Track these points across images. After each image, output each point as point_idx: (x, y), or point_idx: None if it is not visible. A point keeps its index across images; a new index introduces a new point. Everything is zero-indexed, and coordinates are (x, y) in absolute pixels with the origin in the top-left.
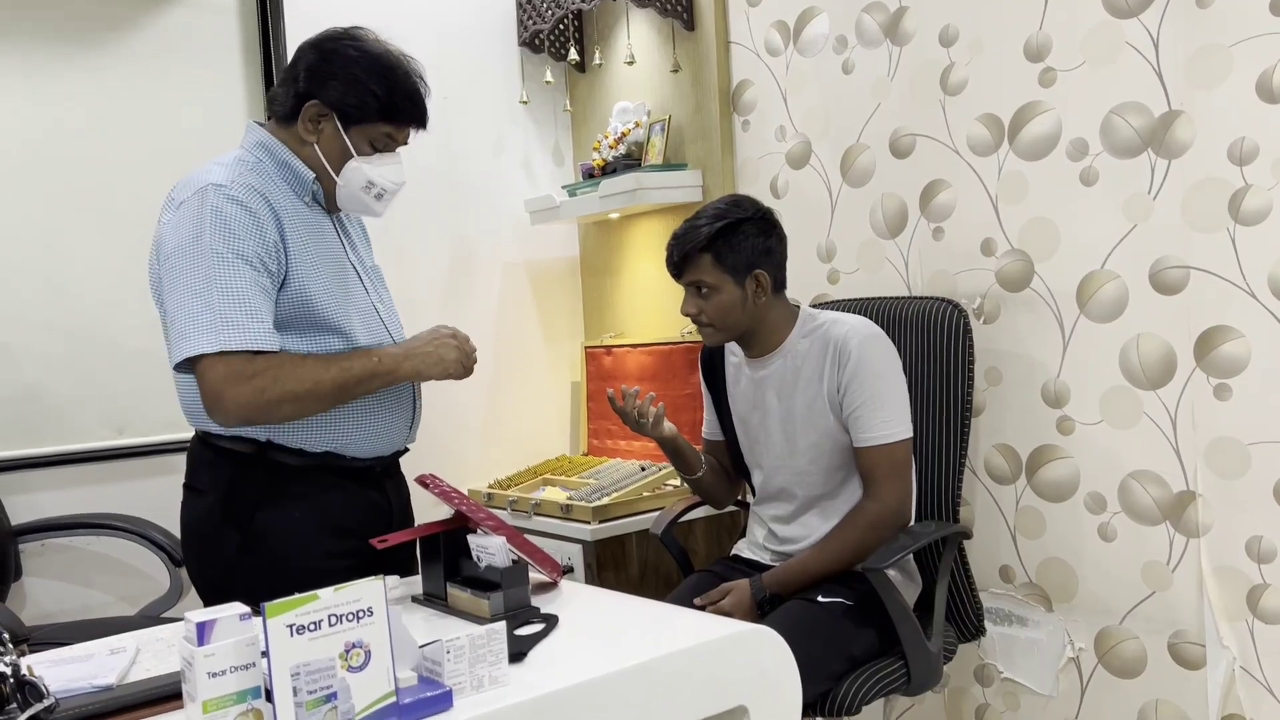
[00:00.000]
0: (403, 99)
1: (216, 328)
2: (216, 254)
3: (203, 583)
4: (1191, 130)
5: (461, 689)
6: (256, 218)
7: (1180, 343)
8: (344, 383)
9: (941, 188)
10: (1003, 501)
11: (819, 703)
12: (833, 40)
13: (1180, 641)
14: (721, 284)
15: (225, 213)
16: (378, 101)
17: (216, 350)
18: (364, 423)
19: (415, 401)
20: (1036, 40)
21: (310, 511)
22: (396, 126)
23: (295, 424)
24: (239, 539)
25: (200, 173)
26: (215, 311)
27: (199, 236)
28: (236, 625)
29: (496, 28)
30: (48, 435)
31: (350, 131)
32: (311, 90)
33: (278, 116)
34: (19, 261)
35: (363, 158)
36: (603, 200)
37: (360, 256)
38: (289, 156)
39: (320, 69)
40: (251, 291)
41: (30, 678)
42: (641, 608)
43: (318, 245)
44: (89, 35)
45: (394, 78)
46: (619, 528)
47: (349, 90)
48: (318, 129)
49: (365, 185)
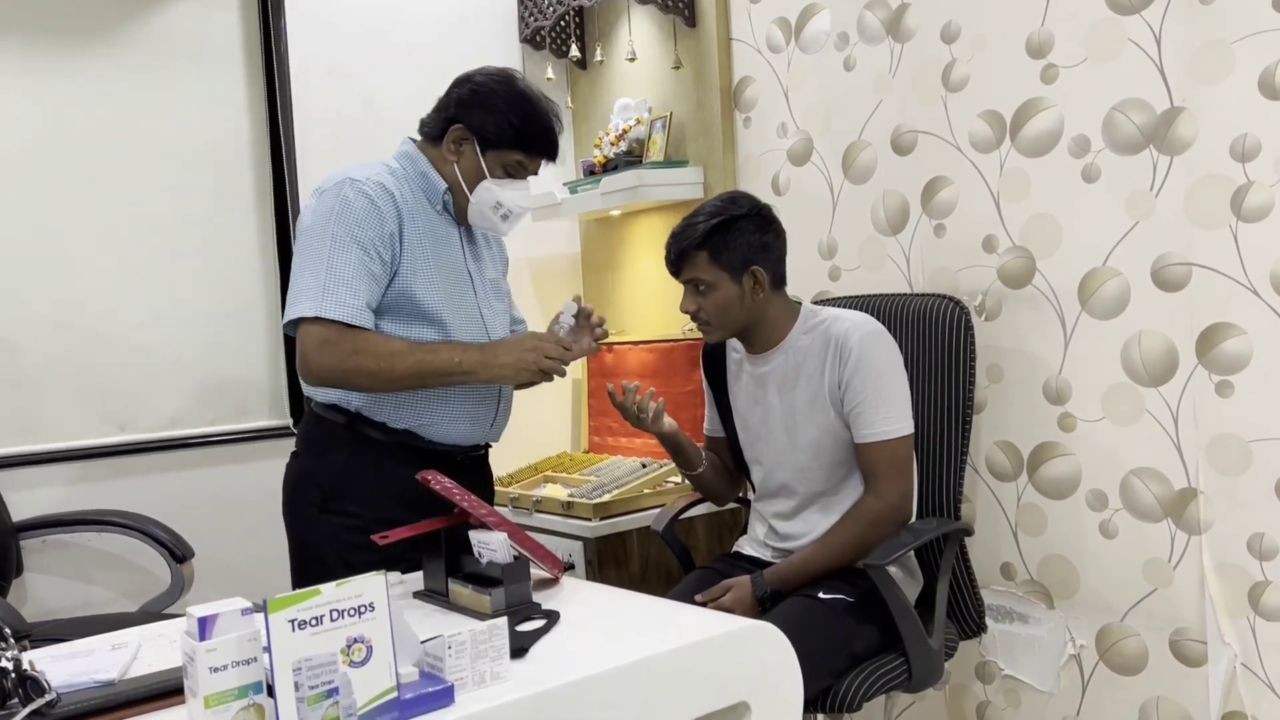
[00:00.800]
0: (536, 131)
1: (319, 298)
2: (335, 236)
3: (291, 535)
4: (1194, 127)
5: (463, 684)
6: (379, 210)
7: (1182, 339)
8: (420, 372)
9: (943, 184)
10: (1004, 498)
11: (820, 699)
12: (834, 37)
13: (1181, 639)
14: (718, 281)
15: (352, 202)
16: (514, 130)
17: (314, 315)
18: (443, 409)
19: (500, 402)
20: (1038, 36)
21: (385, 482)
22: (528, 155)
23: (380, 400)
24: (319, 498)
25: (346, 169)
26: (321, 285)
27: (326, 221)
28: (238, 620)
29: (498, 24)
30: (49, 432)
31: (487, 155)
32: (458, 116)
33: (426, 136)
34: (21, 258)
35: (494, 180)
36: (604, 197)
37: (481, 268)
38: (428, 168)
39: (469, 99)
40: (357, 272)
41: (32, 673)
42: (643, 604)
43: (435, 247)
44: (91, 31)
45: (531, 112)
46: (620, 524)
47: (490, 118)
48: (459, 150)
49: (494, 205)
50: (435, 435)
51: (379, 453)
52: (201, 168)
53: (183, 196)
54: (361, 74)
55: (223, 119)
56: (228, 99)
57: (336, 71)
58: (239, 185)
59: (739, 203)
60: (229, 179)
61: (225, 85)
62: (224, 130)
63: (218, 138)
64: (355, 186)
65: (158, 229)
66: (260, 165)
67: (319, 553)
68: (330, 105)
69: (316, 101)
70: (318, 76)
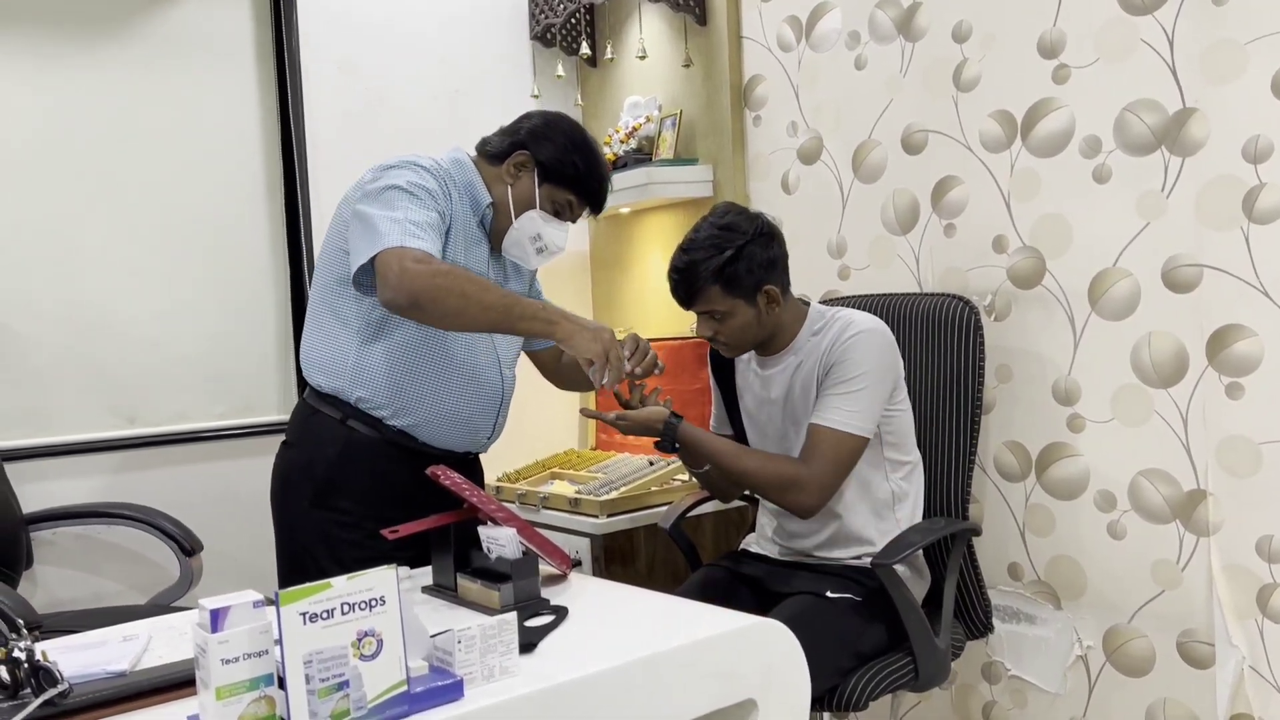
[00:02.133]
0: (593, 179)
1: (403, 235)
2: (410, 193)
3: (279, 526)
4: (1206, 128)
5: (472, 679)
6: (445, 191)
7: (1192, 341)
8: (509, 306)
9: (953, 184)
10: (1012, 499)
11: (826, 698)
12: (845, 36)
13: (1189, 640)
14: (735, 308)
15: (423, 176)
16: (575, 172)
17: (399, 245)
18: (444, 414)
19: (499, 412)
20: (1050, 36)
21: (378, 480)
22: (579, 199)
23: (381, 395)
24: (312, 493)
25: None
26: (403, 228)
27: (400, 183)
28: (250, 612)
29: (508, 21)
30: (59, 425)
31: (543, 187)
32: (527, 143)
33: (486, 155)
34: (31, 252)
35: (541, 213)
36: (613, 195)
37: (500, 277)
38: (476, 179)
39: (541, 130)
40: (434, 221)
41: (44, 663)
42: (650, 600)
43: (468, 250)
44: (103, 26)
45: (594, 161)
46: (627, 522)
47: (557, 154)
48: (517, 175)
49: (534, 236)
50: (429, 438)
51: (372, 450)
52: (212, 162)
53: (193, 191)
54: (372, 69)
55: (233, 113)
56: (238, 93)
57: (347, 67)
58: (249, 179)
59: (740, 228)
60: (239, 173)
61: (236, 80)
62: (234, 125)
63: (228, 132)
64: (429, 164)
65: (168, 223)
66: (270, 160)
67: (309, 547)
68: (341, 100)
69: (327, 96)
70: (328, 72)
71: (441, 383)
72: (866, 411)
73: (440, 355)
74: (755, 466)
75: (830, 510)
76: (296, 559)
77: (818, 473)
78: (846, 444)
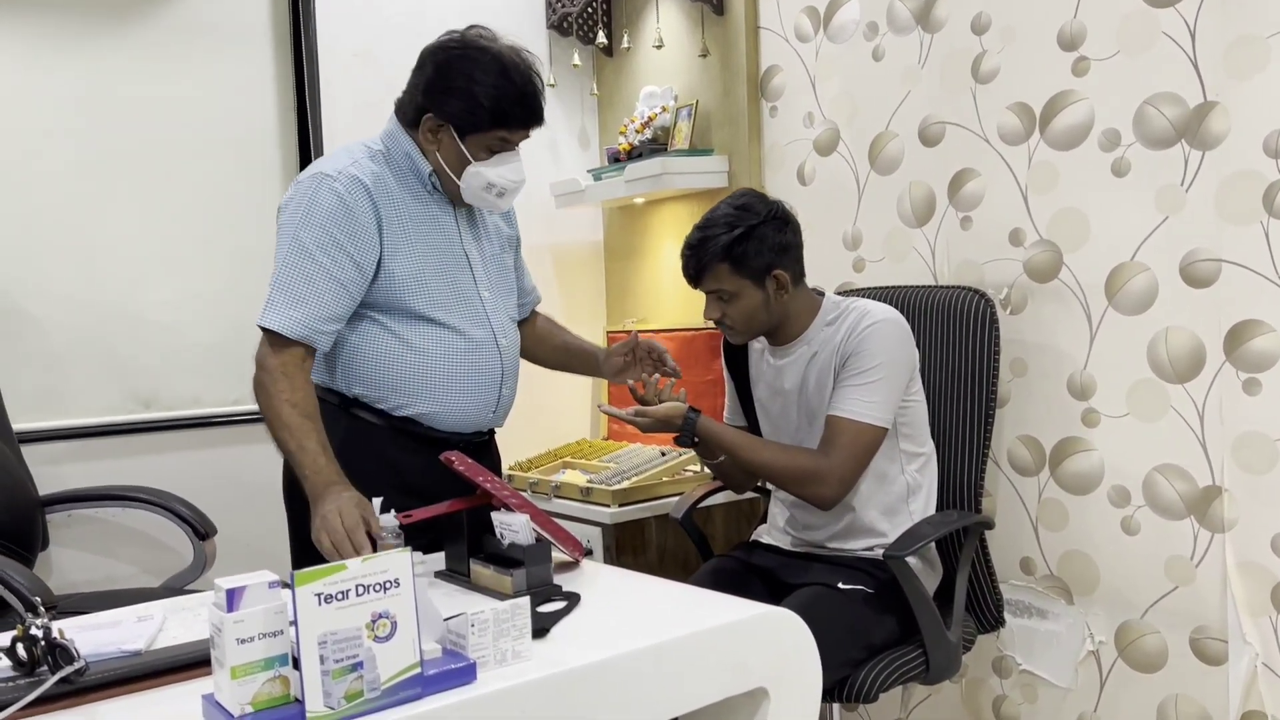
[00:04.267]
0: (513, 105)
1: (275, 306)
2: (298, 242)
3: (291, 514)
4: (1226, 122)
5: (485, 662)
6: (349, 209)
7: (1210, 336)
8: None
9: (970, 177)
10: (1025, 493)
11: (837, 689)
12: (863, 27)
13: (1202, 637)
14: (742, 289)
15: (320, 203)
16: (488, 112)
17: (261, 324)
18: (445, 399)
19: (501, 387)
20: (1070, 29)
21: (384, 468)
22: (510, 130)
23: (380, 389)
24: None
25: (327, 157)
26: (271, 293)
27: (294, 223)
28: (265, 593)
29: (524, 10)
30: (75, 408)
31: (466, 140)
32: (428, 104)
33: (404, 122)
34: (49, 238)
35: (480, 162)
36: (628, 185)
37: (482, 247)
38: (412, 149)
39: (436, 84)
40: (308, 284)
41: (61, 641)
42: (662, 588)
43: (424, 232)
44: (122, 13)
45: (505, 85)
46: (638, 511)
47: (460, 102)
48: (437, 138)
49: (486, 186)
50: (436, 423)
51: (379, 438)
52: (229, 149)
53: (210, 177)
54: (389, 57)
55: (251, 101)
56: (256, 82)
57: (364, 54)
58: (266, 167)
59: (754, 209)
60: (256, 160)
61: (254, 68)
62: (252, 112)
63: (245, 119)
64: (326, 184)
65: (184, 209)
66: (287, 147)
67: None
68: (357, 88)
69: (344, 84)
70: (345, 59)
71: (431, 370)
72: (885, 402)
73: (423, 342)
74: (774, 459)
75: (845, 502)
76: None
77: (837, 464)
78: (866, 435)
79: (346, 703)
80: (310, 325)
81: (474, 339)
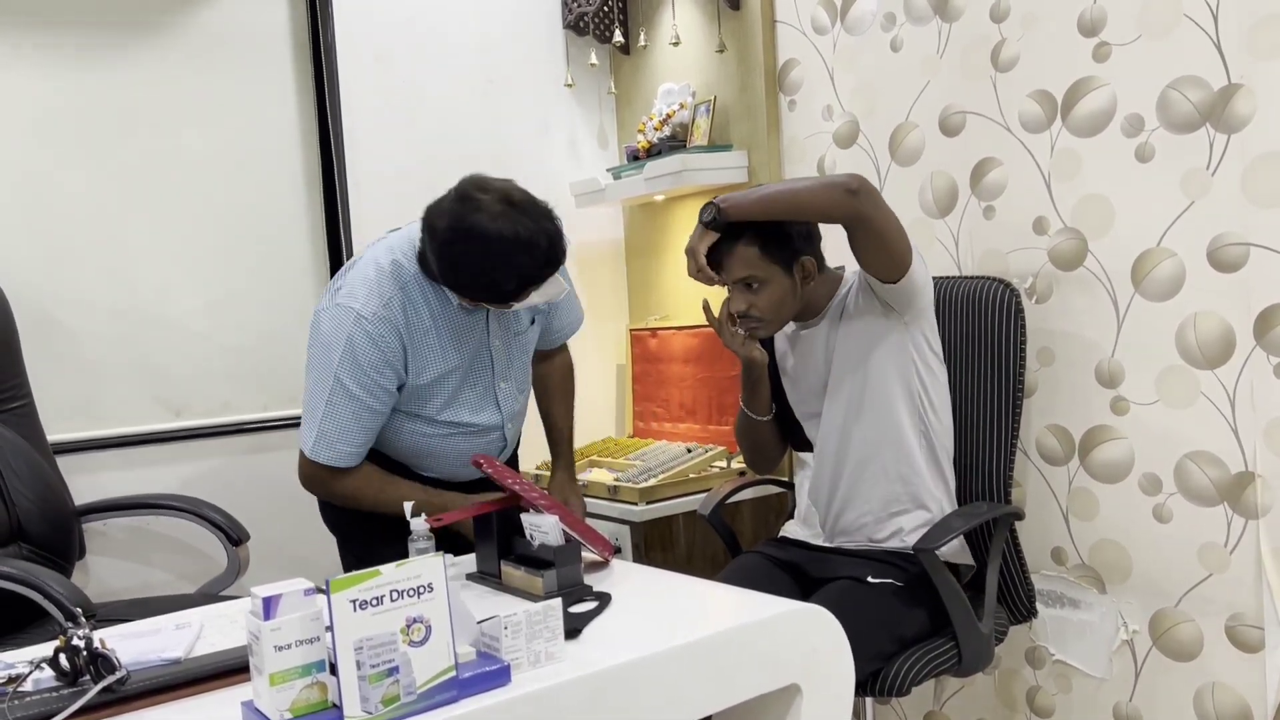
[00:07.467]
0: (540, 270)
1: (313, 440)
2: (338, 381)
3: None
4: (1252, 104)
5: (519, 664)
6: (381, 350)
7: (1239, 321)
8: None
9: (992, 166)
10: (1055, 483)
11: (869, 682)
12: (880, 17)
13: (1238, 624)
14: (771, 276)
15: (358, 346)
16: (518, 287)
17: (309, 456)
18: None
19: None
20: (1090, 14)
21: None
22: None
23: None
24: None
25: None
26: (318, 428)
27: (329, 359)
28: (301, 600)
29: (541, 10)
30: (109, 418)
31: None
32: (447, 284)
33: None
34: (81, 246)
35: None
36: (648, 182)
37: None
38: None
39: (450, 275)
40: (357, 417)
41: (103, 650)
42: (692, 586)
43: (452, 332)
44: (144, 23)
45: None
46: (666, 509)
47: (487, 291)
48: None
49: (529, 309)
50: (431, 473)
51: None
52: (253, 156)
53: (235, 184)
54: (408, 61)
55: (272, 107)
56: (277, 86)
57: (384, 59)
58: (289, 172)
59: None
60: (280, 166)
61: (274, 73)
62: (274, 118)
63: (268, 126)
64: (361, 327)
65: (211, 217)
66: (309, 152)
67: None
68: (377, 93)
69: (364, 89)
70: (365, 64)
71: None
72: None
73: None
74: (805, 183)
75: (871, 480)
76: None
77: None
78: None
79: (384, 707)
80: (360, 454)
81: (482, 426)
